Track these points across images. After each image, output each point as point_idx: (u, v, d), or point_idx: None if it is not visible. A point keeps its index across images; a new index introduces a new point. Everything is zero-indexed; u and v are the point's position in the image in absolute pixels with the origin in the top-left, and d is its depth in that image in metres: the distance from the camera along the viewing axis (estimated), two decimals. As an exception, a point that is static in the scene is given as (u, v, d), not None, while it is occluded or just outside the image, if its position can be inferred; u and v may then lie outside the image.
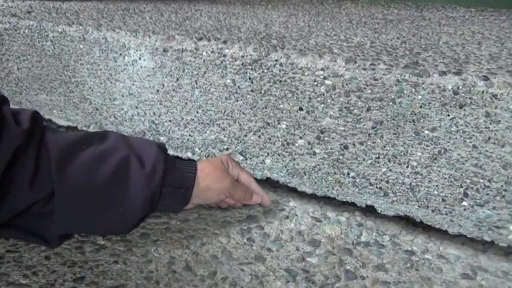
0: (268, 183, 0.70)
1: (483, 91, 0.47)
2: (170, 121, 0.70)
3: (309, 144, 0.59)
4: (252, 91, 0.60)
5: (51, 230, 0.46)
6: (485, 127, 0.48)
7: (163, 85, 0.68)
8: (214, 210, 0.62)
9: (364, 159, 0.56)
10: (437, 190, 0.53)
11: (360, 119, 0.54)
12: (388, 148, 0.54)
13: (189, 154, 0.71)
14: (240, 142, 0.65)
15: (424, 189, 0.54)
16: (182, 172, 0.49)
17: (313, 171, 0.60)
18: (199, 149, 0.70)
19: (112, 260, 0.51)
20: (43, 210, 0.43)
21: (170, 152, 0.73)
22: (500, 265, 0.53)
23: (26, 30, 0.78)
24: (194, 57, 0.63)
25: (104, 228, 0.48)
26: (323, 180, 0.60)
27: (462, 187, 0.51)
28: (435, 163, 0.52)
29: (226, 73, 0.61)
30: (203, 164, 0.52)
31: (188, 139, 0.70)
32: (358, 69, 0.52)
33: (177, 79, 0.66)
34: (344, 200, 0.60)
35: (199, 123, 0.67)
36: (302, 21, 0.80)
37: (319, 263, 0.53)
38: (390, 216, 0.58)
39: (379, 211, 0.58)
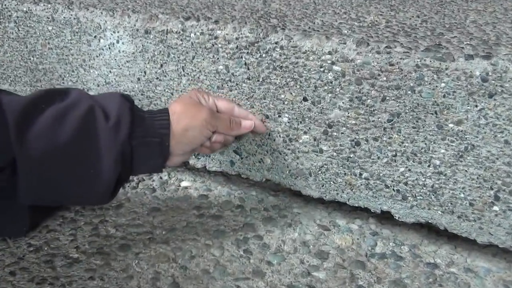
0: (267, 186, 0.70)
1: (516, 78, 0.47)
2: (153, 114, 0.70)
3: (315, 140, 0.59)
4: (248, 79, 0.60)
5: (16, 207, 0.47)
6: (519, 120, 0.48)
7: (145, 73, 0.68)
8: (204, 218, 0.63)
9: (379, 157, 0.56)
10: (463, 193, 0.53)
11: (374, 111, 0.54)
12: (407, 145, 0.54)
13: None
14: (236, 138, 0.65)
15: (449, 192, 0.54)
16: (152, 120, 0.50)
17: (319, 172, 0.61)
18: (188, 147, 0.70)
19: (88, 275, 0.51)
20: (7, 185, 0.44)
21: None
22: (536, 279, 0.53)
23: (-15, 9, 0.78)
24: (181, 40, 0.63)
25: (78, 195, 0.48)
26: (332, 182, 0.61)
27: (492, 189, 0.52)
28: (461, 161, 0.52)
29: (218, 58, 0.61)
30: (173, 107, 0.53)
31: (174, 135, 0.70)
32: (371, 52, 0.52)
33: (161, 66, 0.66)
34: (356, 205, 0.60)
35: (187, 117, 0.68)
36: (307, -3, 0.80)
37: (327, 278, 0.53)
38: (409, 223, 0.58)
39: (397, 218, 0.58)
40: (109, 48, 0.69)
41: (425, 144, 0.53)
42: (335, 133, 0.58)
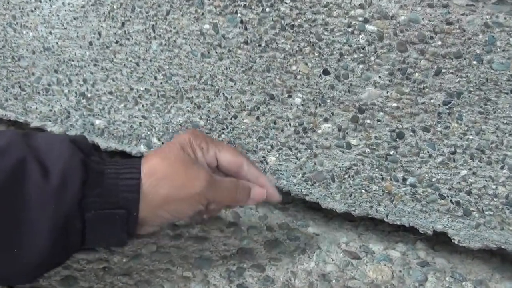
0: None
1: None
2: (110, 93, 0.70)
3: (340, 130, 0.59)
4: (245, 43, 0.60)
5: None
6: None
7: (99, 34, 0.68)
8: (182, 240, 0.62)
9: (430, 156, 0.56)
10: (551, 207, 0.53)
11: (424, 89, 0.54)
12: (471, 137, 0.54)
13: (142, 148, 0.71)
14: (227, 127, 0.65)
15: (530, 205, 0.54)
16: (116, 178, 0.49)
17: (346, 176, 0.61)
18: (159, 140, 0.70)
19: (16, 320, 0.52)
20: None
21: (112, 144, 0.73)
22: None
23: None
24: (151, -13, 0.63)
25: None
26: (363, 191, 0.61)
27: None
28: (548, 161, 0.52)
29: (203, 14, 0.61)
30: (152, 163, 0.51)
31: (140, 123, 0.70)
32: (420, 6, 0.52)
33: (123, 24, 0.66)
34: (398, 223, 0.60)
35: (158, 97, 0.68)
36: None
37: (355, 326, 0.53)
38: (474, 249, 0.58)
39: (456, 242, 0.58)
40: (49, -1, 0.69)
41: (497, 136, 0.53)
42: (368, 121, 0.57)
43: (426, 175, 0.57)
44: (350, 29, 0.55)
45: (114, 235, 0.49)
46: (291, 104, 0.60)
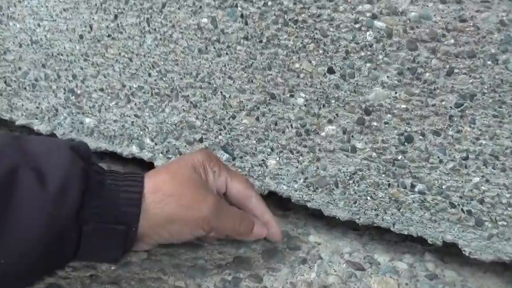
0: (271, 202, 0.70)
1: None
2: (101, 90, 0.70)
3: (344, 133, 0.59)
4: (246, 38, 0.60)
5: None
6: None
7: (90, 27, 0.68)
8: (176, 247, 0.62)
9: (441, 161, 0.56)
10: None
11: (435, 90, 0.54)
12: (484, 142, 0.54)
13: (134, 149, 0.71)
14: (224, 128, 0.65)
15: (546, 216, 0.54)
16: (117, 190, 0.49)
17: (351, 181, 0.60)
18: (152, 140, 0.70)
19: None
20: None
21: (102, 144, 0.73)
22: None
23: None
24: (146, -22, 0.63)
25: None
26: (369, 197, 0.60)
27: None
28: None
29: (200, 7, 0.61)
30: (160, 178, 0.52)
31: (133, 122, 0.70)
32: (432, 1, 0.52)
33: (116, 17, 0.66)
34: (405, 232, 0.60)
35: (152, 95, 0.67)
36: None
37: None
38: (486, 262, 0.58)
39: (467, 254, 0.58)
40: (38, -11, 0.69)
41: (512, 141, 0.53)
42: (375, 123, 0.57)
43: (436, 182, 0.57)
44: (357, 25, 0.54)
45: (109, 249, 0.50)
46: (293, 104, 0.60)
